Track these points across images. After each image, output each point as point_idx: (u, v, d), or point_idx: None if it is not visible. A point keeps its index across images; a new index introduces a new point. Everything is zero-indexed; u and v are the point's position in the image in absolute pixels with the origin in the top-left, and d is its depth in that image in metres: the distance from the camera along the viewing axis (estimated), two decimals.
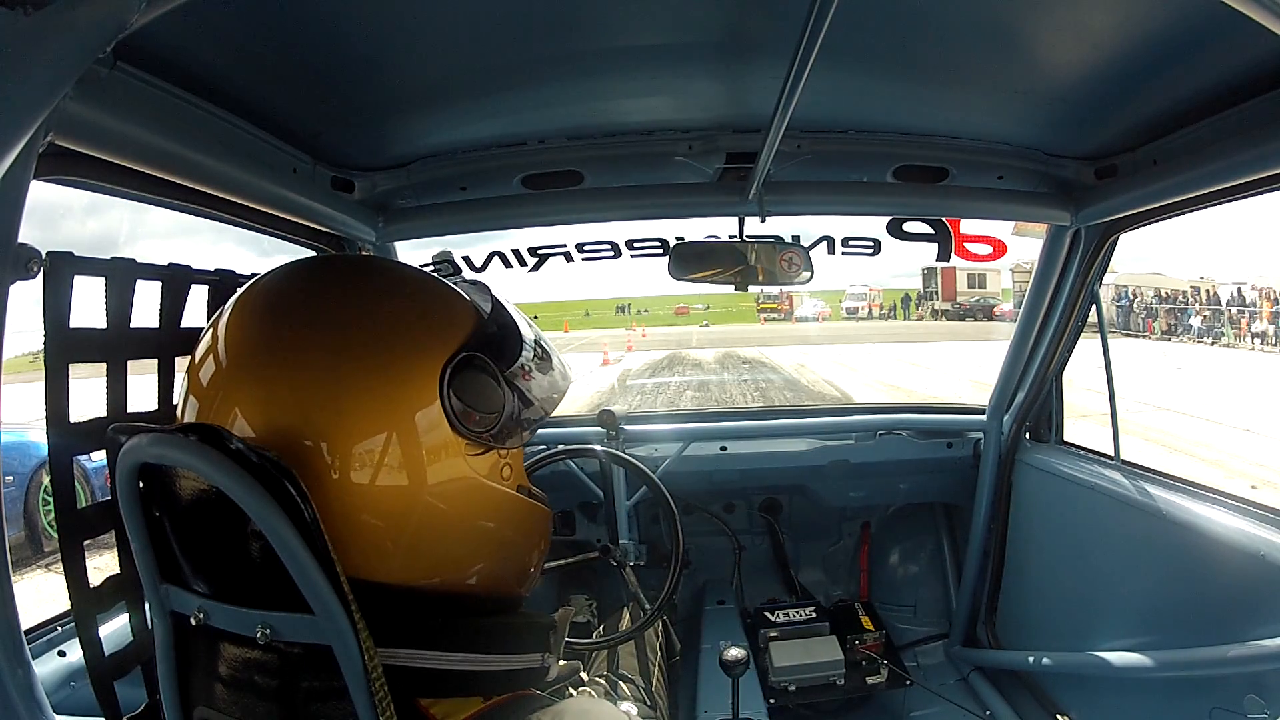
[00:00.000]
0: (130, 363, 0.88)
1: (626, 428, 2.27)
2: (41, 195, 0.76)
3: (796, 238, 1.71)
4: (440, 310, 0.59)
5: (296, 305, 0.57)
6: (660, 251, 1.76)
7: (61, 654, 1.10)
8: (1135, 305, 23.42)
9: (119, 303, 0.86)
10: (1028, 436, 2.17)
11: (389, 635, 0.50)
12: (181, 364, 0.97)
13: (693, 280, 1.71)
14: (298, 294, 0.58)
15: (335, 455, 0.51)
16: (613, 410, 2.27)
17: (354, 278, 0.61)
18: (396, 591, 0.53)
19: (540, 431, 2.32)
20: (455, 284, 0.63)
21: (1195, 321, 21.15)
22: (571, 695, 0.84)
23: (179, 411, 0.56)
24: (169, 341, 0.95)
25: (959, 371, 13.72)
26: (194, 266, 0.98)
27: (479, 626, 0.56)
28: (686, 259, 1.71)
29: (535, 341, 0.63)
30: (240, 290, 0.59)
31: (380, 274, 0.64)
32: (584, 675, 0.71)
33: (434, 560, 0.55)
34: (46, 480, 2.50)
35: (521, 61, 1.16)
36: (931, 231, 1.73)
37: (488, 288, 0.64)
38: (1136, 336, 21.37)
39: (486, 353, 0.57)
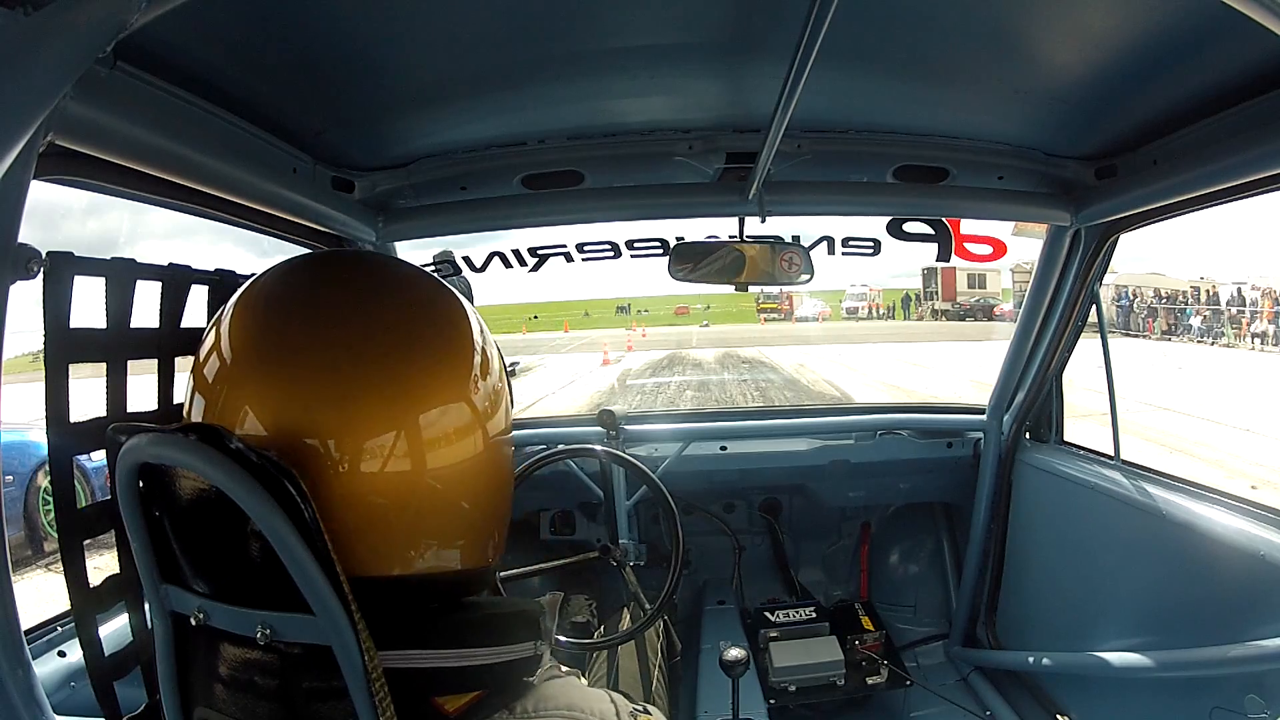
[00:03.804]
0: (130, 363, 0.88)
1: (626, 427, 2.27)
2: (41, 195, 0.76)
3: (796, 238, 1.71)
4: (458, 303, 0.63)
5: (323, 304, 0.56)
6: (660, 251, 1.76)
7: (61, 654, 1.10)
8: (1135, 305, 23.42)
9: (119, 303, 0.86)
10: (1028, 436, 2.18)
11: (393, 636, 0.50)
12: (181, 364, 0.98)
13: (692, 280, 1.71)
14: (322, 292, 0.58)
15: (357, 449, 0.51)
16: (613, 410, 2.27)
17: (371, 276, 0.61)
18: (391, 585, 0.53)
19: (540, 431, 2.34)
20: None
21: (1195, 321, 21.14)
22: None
23: (185, 410, 0.56)
24: (169, 341, 0.95)
25: (959, 371, 13.72)
26: (194, 266, 0.98)
27: (467, 620, 0.56)
28: (686, 259, 1.71)
29: None
30: (245, 287, 0.58)
31: (391, 272, 0.64)
32: (584, 680, 0.70)
33: (426, 541, 0.56)
34: (46, 480, 2.49)
35: (521, 61, 1.16)
36: (931, 231, 1.73)
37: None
38: (1136, 336, 21.36)
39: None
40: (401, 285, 0.60)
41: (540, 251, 1.82)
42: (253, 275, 0.61)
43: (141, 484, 0.53)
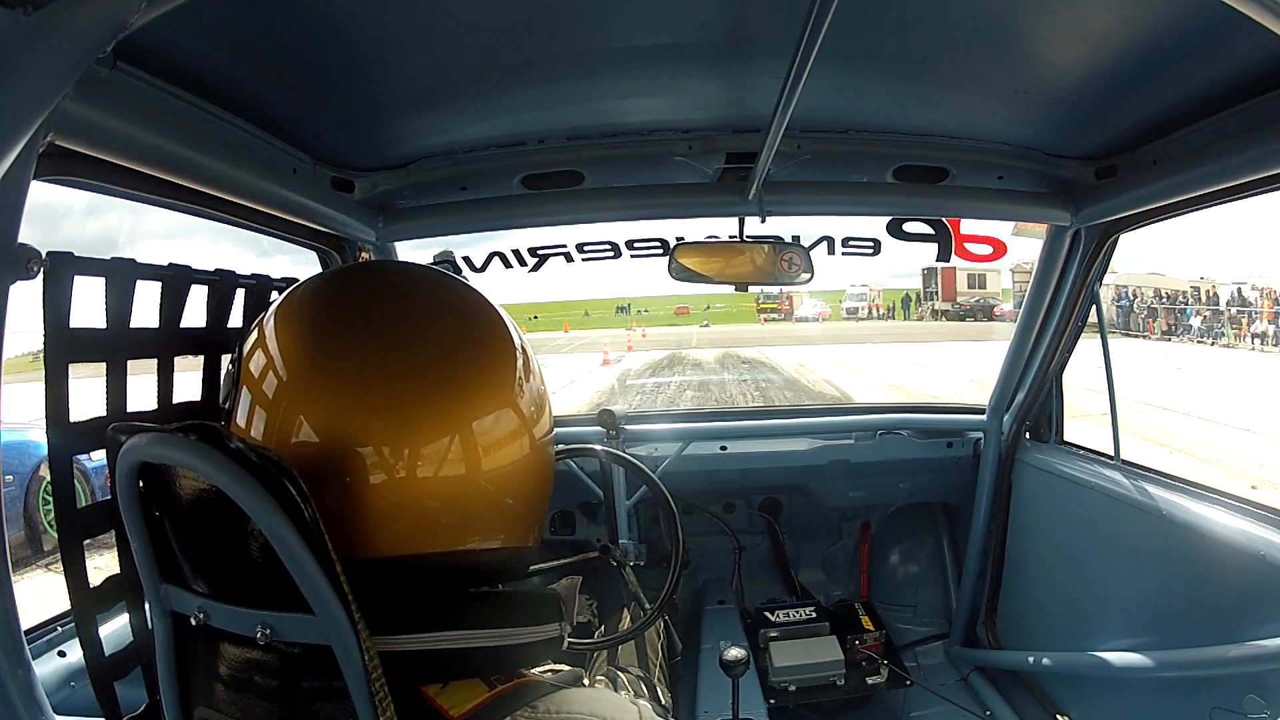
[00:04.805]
0: (130, 362, 0.88)
1: (626, 427, 2.27)
2: (41, 195, 0.76)
3: (796, 238, 1.71)
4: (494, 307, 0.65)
5: (373, 314, 0.59)
6: (660, 251, 1.77)
7: (61, 654, 1.10)
8: (1135, 305, 23.41)
9: (119, 303, 0.86)
10: (1028, 436, 2.17)
11: (412, 618, 0.52)
12: (181, 364, 0.98)
13: (692, 280, 1.71)
14: (369, 303, 0.60)
15: (414, 455, 0.53)
16: (613, 410, 2.27)
17: (411, 285, 0.64)
18: (431, 566, 0.55)
19: None
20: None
21: (1195, 322, 21.14)
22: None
23: (234, 417, 0.57)
24: (169, 341, 0.95)
25: (959, 371, 13.73)
26: (194, 266, 0.98)
27: (500, 599, 0.59)
28: (686, 259, 1.71)
29: None
30: (285, 298, 0.60)
31: (428, 281, 0.66)
32: (586, 681, 0.70)
33: (470, 535, 0.57)
34: (46, 479, 2.49)
35: (521, 61, 1.16)
36: (931, 231, 1.73)
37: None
38: (1136, 336, 21.35)
39: None
40: (441, 295, 0.63)
41: (540, 251, 1.82)
42: (253, 275, 0.61)
43: (141, 484, 0.53)
